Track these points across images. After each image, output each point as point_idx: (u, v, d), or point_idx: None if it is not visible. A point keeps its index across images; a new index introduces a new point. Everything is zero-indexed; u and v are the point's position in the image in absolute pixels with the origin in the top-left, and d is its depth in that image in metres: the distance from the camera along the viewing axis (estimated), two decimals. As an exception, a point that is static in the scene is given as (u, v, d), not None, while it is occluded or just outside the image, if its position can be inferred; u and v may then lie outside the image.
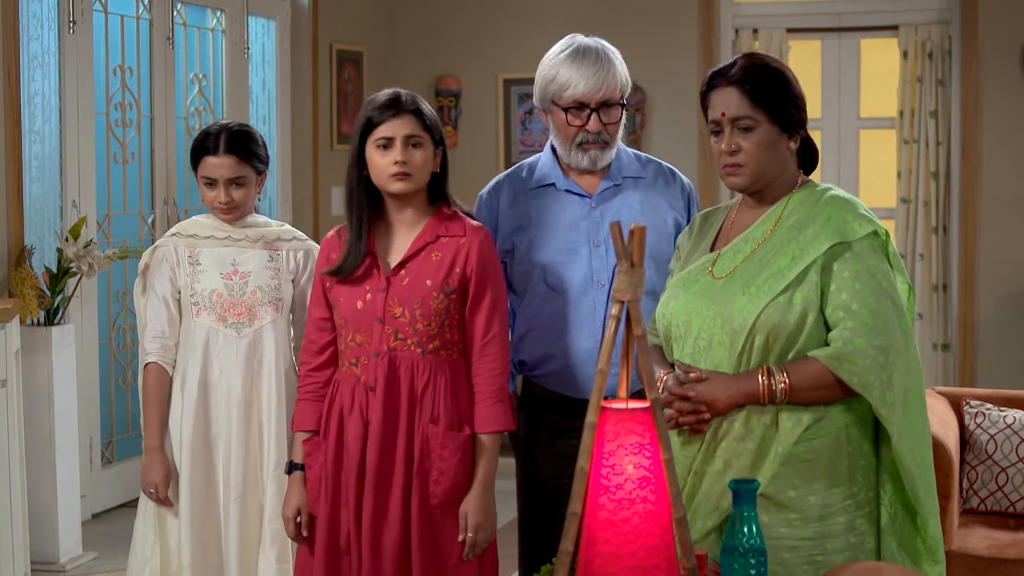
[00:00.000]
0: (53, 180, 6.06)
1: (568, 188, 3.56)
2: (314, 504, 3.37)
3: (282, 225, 3.96)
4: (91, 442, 6.33)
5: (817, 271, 2.81)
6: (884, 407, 2.76)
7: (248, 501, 3.79)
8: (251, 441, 3.80)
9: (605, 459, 2.26)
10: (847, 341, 2.76)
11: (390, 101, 3.30)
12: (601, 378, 2.28)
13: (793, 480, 2.81)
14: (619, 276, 2.32)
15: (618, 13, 7.96)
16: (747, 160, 2.91)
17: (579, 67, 3.46)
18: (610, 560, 2.23)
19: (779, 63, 2.95)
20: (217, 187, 3.79)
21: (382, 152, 3.30)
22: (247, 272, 3.81)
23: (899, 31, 7.85)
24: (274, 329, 3.83)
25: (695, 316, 2.91)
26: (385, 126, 3.29)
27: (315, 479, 3.37)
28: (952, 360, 7.87)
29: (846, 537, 2.83)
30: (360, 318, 3.32)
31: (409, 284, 3.31)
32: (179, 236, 3.88)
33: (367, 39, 8.28)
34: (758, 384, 2.79)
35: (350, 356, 3.35)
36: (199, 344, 3.78)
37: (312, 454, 3.38)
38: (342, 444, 3.34)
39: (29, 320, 5.55)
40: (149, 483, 3.75)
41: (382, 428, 3.29)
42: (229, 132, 3.78)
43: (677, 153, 7.76)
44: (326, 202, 7.88)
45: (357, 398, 3.32)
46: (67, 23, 6.05)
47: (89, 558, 5.72)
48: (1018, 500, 4.79)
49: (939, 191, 7.84)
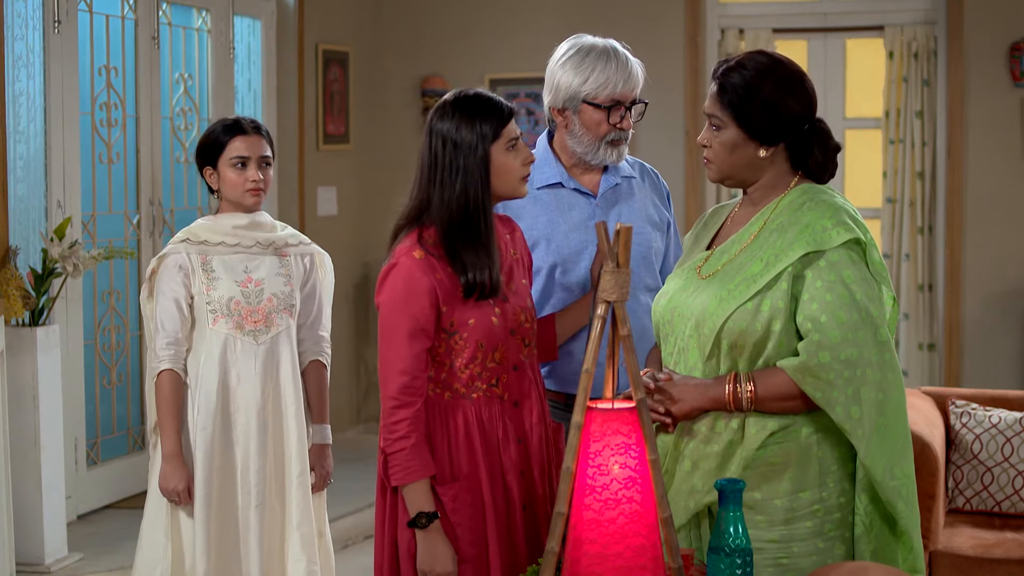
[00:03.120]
0: (38, 180, 6.03)
1: (575, 187, 3.58)
2: (469, 549, 3.10)
3: (285, 228, 3.96)
4: (76, 443, 6.30)
5: (788, 279, 2.77)
6: (848, 422, 2.73)
7: (268, 508, 3.79)
8: (269, 448, 3.80)
9: (591, 459, 2.26)
10: (812, 354, 2.72)
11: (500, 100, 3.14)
12: (587, 378, 2.29)
13: (759, 483, 2.80)
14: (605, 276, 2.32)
15: (604, 13, 7.96)
16: (713, 157, 2.91)
17: (615, 66, 3.49)
18: (596, 560, 2.23)
19: (767, 67, 2.86)
20: (249, 166, 3.80)
21: (514, 153, 3.12)
22: (260, 279, 3.81)
23: (885, 31, 7.86)
24: (288, 336, 3.84)
25: (677, 316, 2.91)
26: (514, 123, 3.13)
27: (468, 522, 3.09)
28: (938, 360, 7.88)
29: (814, 542, 2.81)
30: (497, 335, 3.11)
31: (516, 290, 3.20)
32: (190, 243, 3.84)
33: (353, 39, 8.26)
34: (725, 391, 2.78)
35: (487, 379, 3.12)
36: (216, 352, 3.77)
37: (460, 497, 3.09)
38: (493, 473, 3.11)
39: (14, 321, 5.53)
40: (171, 491, 3.75)
41: (540, 440, 3.17)
42: (248, 119, 3.88)
43: (664, 152, 7.76)
44: (312, 203, 7.87)
45: (509, 420, 3.14)
46: (52, 22, 6.03)
47: (74, 559, 5.69)
48: (1003, 500, 4.80)
49: (925, 191, 7.85)
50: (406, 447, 3.03)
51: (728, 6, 8.10)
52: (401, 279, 3.05)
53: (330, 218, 7.99)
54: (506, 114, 3.10)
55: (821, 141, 2.89)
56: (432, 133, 3.11)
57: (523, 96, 8.23)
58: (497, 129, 3.08)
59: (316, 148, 7.91)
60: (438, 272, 3.06)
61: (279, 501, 3.84)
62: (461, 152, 3.07)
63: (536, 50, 8.12)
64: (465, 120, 3.07)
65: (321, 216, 7.90)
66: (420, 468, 3.04)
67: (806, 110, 2.86)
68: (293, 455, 3.82)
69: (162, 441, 3.77)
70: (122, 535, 6.03)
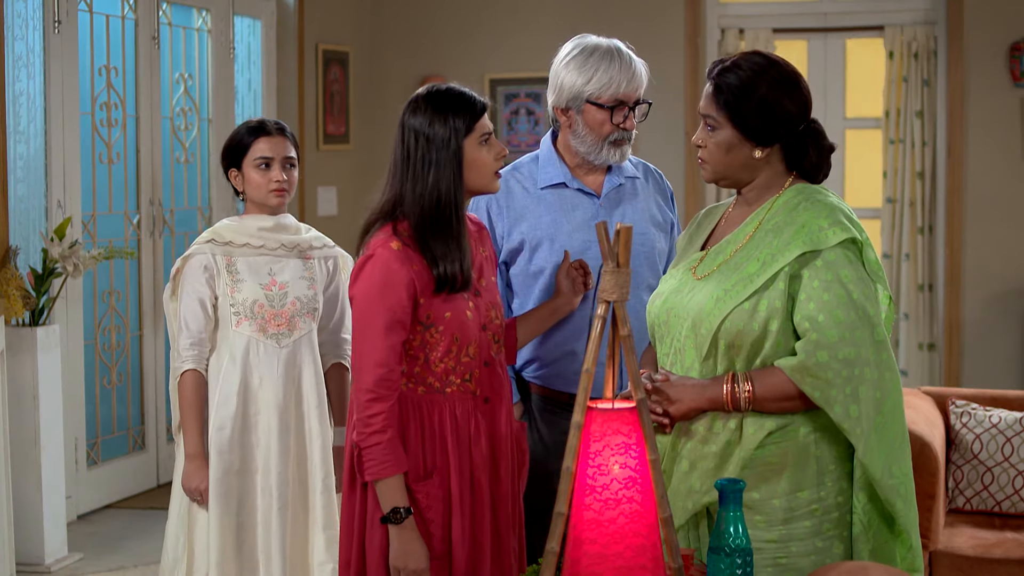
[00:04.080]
0: (38, 180, 6.04)
1: (579, 187, 3.58)
2: (441, 545, 3.07)
3: (309, 230, 3.96)
4: (76, 443, 6.31)
5: (785, 279, 2.76)
6: (847, 421, 2.73)
7: (292, 510, 3.79)
8: (291, 451, 3.80)
9: (591, 459, 2.26)
10: (810, 354, 2.72)
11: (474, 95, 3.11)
12: (587, 378, 2.28)
13: (757, 483, 2.79)
14: (605, 276, 2.32)
15: (604, 13, 7.95)
16: (708, 157, 2.90)
17: (619, 66, 3.49)
18: (596, 560, 2.23)
19: (763, 68, 2.85)
20: (273, 167, 3.81)
21: (487, 147, 3.11)
22: (285, 282, 3.81)
23: (885, 31, 7.86)
24: (310, 339, 3.85)
25: (672, 317, 2.90)
26: (484, 120, 3.11)
27: (440, 519, 3.07)
28: (938, 360, 7.88)
29: (812, 541, 2.80)
30: (471, 330, 3.10)
31: (486, 286, 3.19)
32: (215, 243, 3.83)
33: (353, 39, 8.26)
34: (722, 391, 2.78)
35: (462, 373, 3.10)
36: (239, 354, 3.77)
37: (433, 493, 3.06)
38: (464, 469, 3.09)
39: (14, 321, 5.53)
40: (193, 490, 3.76)
41: (507, 436, 3.15)
42: (273, 120, 3.91)
43: (663, 152, 7.76)
44: (312, 202, 7.86)
45: (480, 416, 3.12)
46: (52, 22, 6.03)
47: (75, 559, 5.70)
48: (1003, 500, 4.80)
49: (925, 191, 7.85)
50: (382, 441, 2.99)
51: (728, 6, 8.09)
52: (378, 270, 3.02)
53: (330, 218, 7.99)
54: (479, 109, 3.09)
55: (816, 142, 2.88)
56: (405, 128, 3.10)
57: (523, 96, 8.23)
58: (470, 123, 3.07)
59: (316, 148, 7.91)
60: (415, 264, 3.04)
61: (301, 504, 3.84)
62: (434, 146, 3.06)
63: (536, 50, 8.17)
64: (438, 115, 3.06)
65: (321, 216, 7.90)
66: (395, 463, 3.00)
67: (801, 111, 2.86)
68: (317, 458, 3.82)
69: (185, 441, 3.78)
70: (122, 535, 6.04)
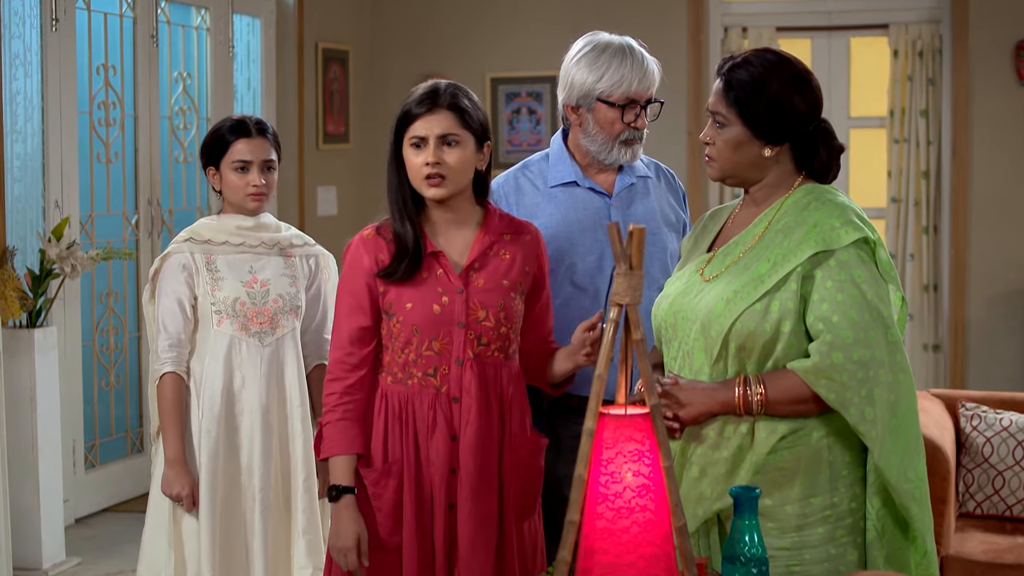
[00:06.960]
0: (35, 180, 6.01)
1: (590, 187, 3.54)
2: (390, 537, 3.11)
3: (289, 228, 3.92)
4: (74, 445, 6.27)
5: (797, 280, 2.72)
6: (863, 424, 2.68)
7: (274, 512, 3.74)
8: (274, 452, 3.75)
9: (603, 467, 2.20)
10: (825, 355, 2.68)
11: (426, 95, 3.11)
12: (599, 383, 2.23)
13: (769, 489, 2.74)
14: (617, 279, 2.26)
15: (606, 12, 7.91)
16: (716, 155, 2.86)
17: (631, 64, 3.46)
18: (609, 570, 2.18)
19: (774, 65, 2.82)
20: (251, 170, 3.76)
21: (415, 151, 3.10)
22: (266, 280, 3.76)
23: (889, 30, 7.83)
24: (293, 338, 3.79)
25: (680, 319, 2.86)
26: (419, 123, 3.09)
27: (389, 508, 3.10)
28: (943, 361, 7.84)
29: (825, 548, 2.76)
30: (438, 323, 3.07)
31: (486, 286, 3.13)
32: (194, 242, 3.77)
33: (353, 38, 8.23)
34: (734, 394, 2.73)
35: (424, 367, 3.09)
36: (221, 353, 3.71)
37: (380, 482, 3.10)
38: (420, 464, 3.10)
39: (11, 322, 5.50)
40: (175, 496, 3.69)
41: (477, 441, 3.09)
42: (255, 119, 3.81)
43: (666, 151, 7.70)
44: (311, 202, 7.83)
45: (440, 411, 3.09)
46: (50, 21, 5.99)
47: (72, 563, 5.67)
48: (1015, 504, 4.75)
49: (929, 191, 7.81)
50: (331, 420, 3.09)
51: (731, 4, 8.06)
52: (348, 256, 3.16)
53: (330, 218, 7.96)
54: (413, 113, 3.10)
55: (826, 141, 2.85)
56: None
57: (524, 95, 8.20)
58: (403, 126, 3.12)
59: (316, 148, 7.88)
60: (382, 252, 3.11)
61: (285, 505, 3.79)
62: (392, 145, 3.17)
63: (537, 49, 8.15)
64: (397, 116, 3.15)
65: (321, 216, 7.87)
66: (342, 443, 3.08)
67: (812, 109, 2.83)
68: (299, 460, 3.77)
69: (165, 446, 3.70)
70: (120, 539, 6.01)
